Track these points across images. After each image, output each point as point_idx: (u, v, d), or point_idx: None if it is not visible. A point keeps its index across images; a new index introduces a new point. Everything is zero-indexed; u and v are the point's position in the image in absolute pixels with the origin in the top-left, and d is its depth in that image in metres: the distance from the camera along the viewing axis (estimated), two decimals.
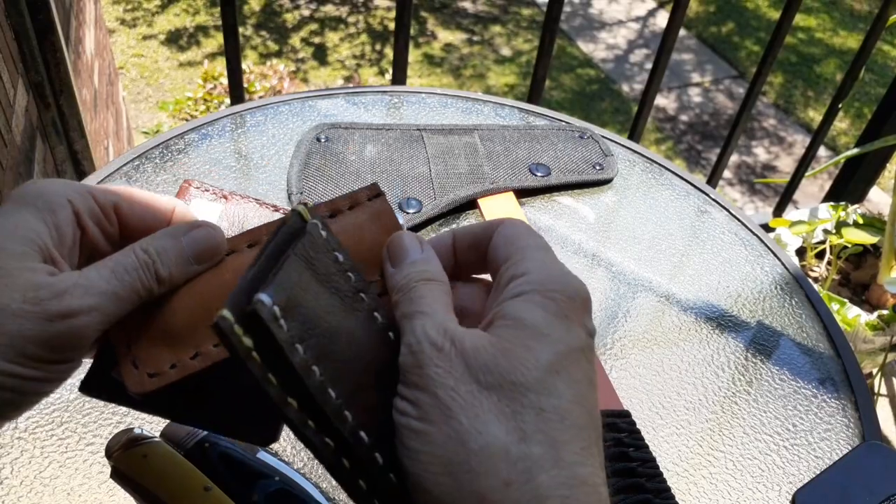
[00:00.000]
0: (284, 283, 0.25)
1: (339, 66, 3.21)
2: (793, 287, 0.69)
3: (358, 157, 0.73)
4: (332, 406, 0.26)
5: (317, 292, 0.27)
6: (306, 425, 0.25)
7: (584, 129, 0.82)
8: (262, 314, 0.24)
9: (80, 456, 0.50)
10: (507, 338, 0.27)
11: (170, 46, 3.21)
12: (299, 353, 0.25)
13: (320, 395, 0.25)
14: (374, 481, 0.27)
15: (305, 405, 0.25)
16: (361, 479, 0.27)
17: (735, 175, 2.83)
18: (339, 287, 0.28)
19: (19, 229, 0.30)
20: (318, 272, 0.28)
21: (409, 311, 0.29)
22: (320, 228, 0.29)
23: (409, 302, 0.29)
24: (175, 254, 0.32)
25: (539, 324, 0.27)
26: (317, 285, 0.27)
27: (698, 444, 0.56)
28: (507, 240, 0.31)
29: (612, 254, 0.70)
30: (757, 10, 3.77)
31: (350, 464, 0.26)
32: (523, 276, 0.29)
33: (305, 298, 0.26)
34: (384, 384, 0.27)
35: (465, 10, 3.64)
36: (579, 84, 3.20)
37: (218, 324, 0.23)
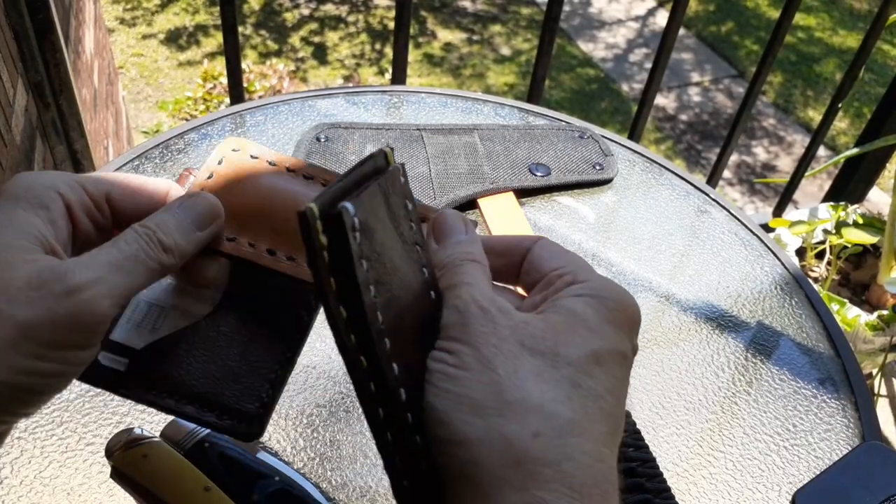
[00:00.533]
0: (365, 204, 0.26)
1: (339, 65, 3.21)
2: (793, 287, 0.69)
3: (358, 157, 0.73)
4: (377, 327, 0.26)
5: (386, 227, 0.28)
6: (349, 337, 0.26)
7: (583, 128, 0.82)
8: (344, 219, 0.24)
9: (80, 456, 0.50)
10: (558, 321, 0.28)
11: (169, 46, 3.21)
12: (363, 268, 0.25)
13: (371, 313, 0.26)
14: (392, 414, 0.27)
15: (353, 320, 0.26)
16: (381, 408, 0.27)
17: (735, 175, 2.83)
18: (403, 231, 0.29)
19: (14, 224, 0.29)
20: (391, 210, 0.28)
21: (455, 281, 0.29)
22: (401, 173, 0.30)
23: (452, 275, 0.30)
24: (174, 223, 0.32)
25: (590, 319, 0.28)
26: (388, 221, 0.28)
27: (698, 444, 0.56)
28: (553, 252, 0.32)
29: (612, 254, 0.70)
30: (756, 9, 3.77)
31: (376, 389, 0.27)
32: (583, 283, 0.30)
33: (377, 227, 0.27)
34: (420, 333, 0.28)
35: (464, 9, 3.64)
36: (579, 83, 3.20)
37: (304, 213, 0.24)
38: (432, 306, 0.29)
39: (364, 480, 0.51)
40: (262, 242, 0.35)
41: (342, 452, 0.52)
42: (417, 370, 0.27)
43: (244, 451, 0.47)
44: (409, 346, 0.27)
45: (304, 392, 0.56)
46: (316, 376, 0.57)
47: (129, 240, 0.31)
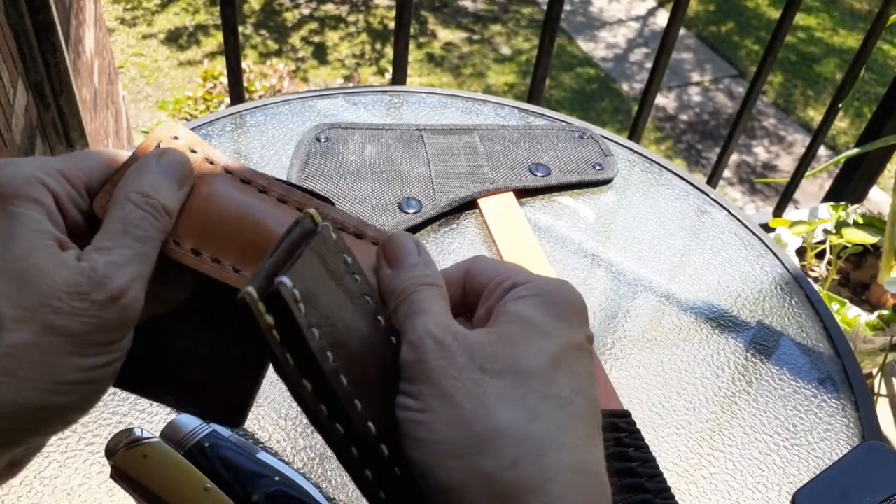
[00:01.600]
0: (301, 273, 0.26)
1: (339, 65, 3.21)
2: (793, 287, 0.69)
3: (358, 157, 0.73)
4: (344, 391, 0.26)
5: (329, 288, 0.28)
6: (319, 409, 0.26)
7: (584, 128, 0.82)
8: (283, 294, 0.24)
9: (80, 456, 0.50)
10: (510, 332, 0.28)
11: (170, 45, 3.21)
12: (315, 337, 0.25)
13: (334, 380, 0.26)
14: (380, 472, 0.27)
15: (318, 390, 0.26)
16: (368, 469, 0.27)
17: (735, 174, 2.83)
18: (348, 287, 0.29)
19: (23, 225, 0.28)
20: (329, 269, 0.28)
21: (410, 311, 0.29)
22: (331, 230, 0.29)
23: (408, 305, 0.29)
24: (164, 183, 0.31)
25: (541, 321, 0.28)
26: (329, 281, 0.28)
27: (698, 444, 0.56)
28: (487, 265, 0.32)
29: (612, 254, 0.70)
30: (757, 9, 3.77)
31: (358, 452, 0.27)
32: (524, 285, 0.30)
33: (320, 291, 0.27)
34: (387, 384, 0.28)
35: (465, 9, 3.64)
36: (579, 83, 3.20)
37: (242, 298, 0.24)
38: (394, 350, 0.29)
39: None
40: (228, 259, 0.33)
41: None
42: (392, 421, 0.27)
43: (244, 451, 0.47)
44: (380, 400, 0.27)
45: None
46: None
47: (138, 220, 0.30)
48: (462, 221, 0.71)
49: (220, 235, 0.33)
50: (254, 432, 0.53)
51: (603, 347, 0.62)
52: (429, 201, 0.70)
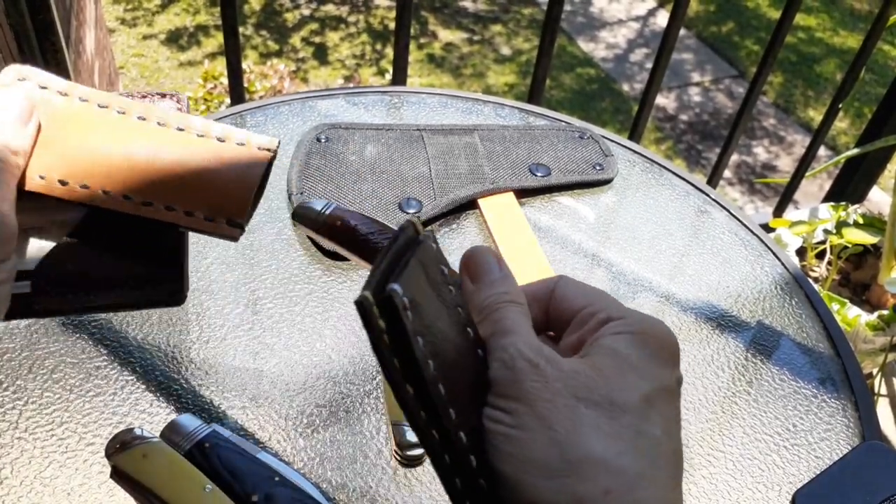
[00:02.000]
0: (408, 281, 0.27)
1: (340, 65, 3.21)
2: (793, 287, 0.69)
3: (358, 158, 0.73)
4: (441, 400, 0.27)
5: (430, 297, 0.28)
6: (419, 414, 0.27)
7: (584, 129, 0.82)
8: (395, 301, 0.25)
9: (80, 456, 0.50)
10: (605, 365, 0.28)
11: (170, 46, 3.21)
12: (420, 344, 0.26)
13: (433, 388, 0.26)
14: (467, 483, 0.28)
15: (418, 396, 0.27)
16: (458, 478, 0.28)
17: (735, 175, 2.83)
18: (444, 297, 0.30)
19: None
20: (430, 279, 0.29)
21: (497, 329, 0.29)
22: (432, 241, 0.31)
23: (494, 322, 0.30)
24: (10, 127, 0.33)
25: (636, 359, 0.28)
26: (430, 290, 0.29)
27: (698, 444, 0.56)
28: (577, 290, 0.32)
29: (612, 254, 0.70)
30: (757, 9, 3.77)
31: (450, 460, 0.27)
32: (620, 320, 0.30)
33: (423, 299, 0.28)
34: (475, 396, 0.29)
35: (465, 9, 3.64)
36: (579, 83, 3.20)
37: (361, 302, 0.25)
38: (481, 364, 0.30)
39: (364, 480, 0.51)
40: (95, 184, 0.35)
41: (342, 452, 0.52)
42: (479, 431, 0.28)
43: (244, 451, 0.47)
44: (469, 411, 0.28)
45: (304, 392, 0.56)
46: (316, 376, 0.57)
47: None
48: (462, 221, 0.71)
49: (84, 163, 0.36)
50: (254, 432, 0.53)
51: None
52: (429, 201, 0.70)
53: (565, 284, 0.32)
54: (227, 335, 0.59)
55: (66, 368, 0.55)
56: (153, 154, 0.36)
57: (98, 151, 0.36)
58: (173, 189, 0.36)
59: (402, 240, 0.29)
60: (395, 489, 0.51)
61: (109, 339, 0.57)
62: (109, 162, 0.36)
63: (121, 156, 0.36)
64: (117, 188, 0.35)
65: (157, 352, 0.57)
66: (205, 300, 0.60)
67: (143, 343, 0.57)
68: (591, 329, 0.30)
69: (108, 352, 0.56)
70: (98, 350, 0.56)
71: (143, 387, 0.54)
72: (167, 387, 0.55)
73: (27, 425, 0.51)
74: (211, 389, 0.55)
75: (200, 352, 0.57)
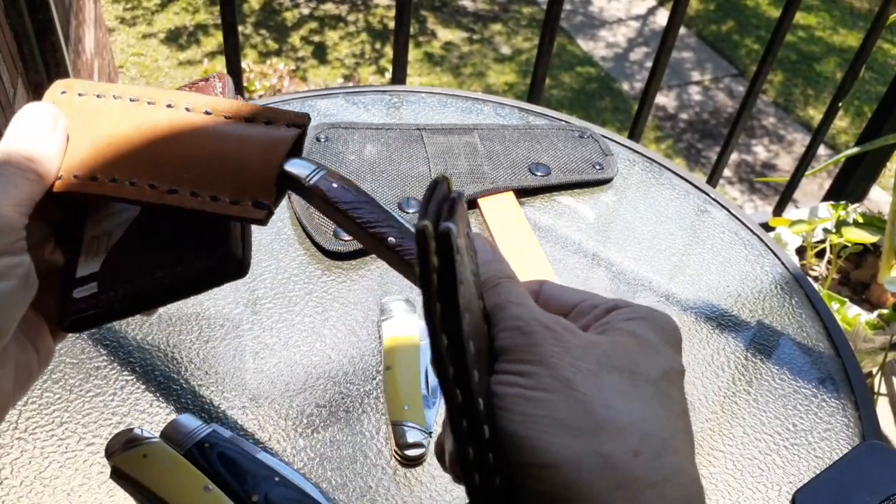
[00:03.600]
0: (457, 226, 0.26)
1: (339, 64, 3.21)
2: (793, 286, 0.69)
3: (358, 157, 0.73)
4: (470, 358, 0.25)
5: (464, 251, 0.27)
6: (449, 368, 0.25)
7: (583, 128, 0.82)
8: (451, 240, 0.24)
9: (80, 456, 0.50)
10: (625, 341, 0.28)
11: (169, 45, 3.21)
12: (461, 294, 0.25)
13: (466, 344, 0.25)
14: (478, 454, 0.26)
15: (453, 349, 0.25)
16: (471, 447, 0.26)
17: (735, 174, 2.83)
18: (471, 258, 0.29)
19: None
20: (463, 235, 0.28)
21: (503, 300, 0.29)
22: (463, 199, 0.30)
23: (498, 294, 0.29)
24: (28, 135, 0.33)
25: (653, 340, 0.28)
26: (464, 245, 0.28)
27: (698, 444, 0.56)
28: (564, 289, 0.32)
29: (612, 253, 0.70)
30: (757, 8, 3.76)
31: (467, 427, 0.26)
32: (629, 308, 0.30)
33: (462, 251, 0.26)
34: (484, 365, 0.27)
35: (465, 8, 3.64)
36: (579, 82, 3.20)
37: (422, 231, 0.24)
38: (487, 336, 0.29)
39: (364, 480, 0.51)
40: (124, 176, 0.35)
41: (342, 452, 0.52)
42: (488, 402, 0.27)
43: (244, 451, 0.47)
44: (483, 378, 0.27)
45: (304, 392, 0.56)
46: (316, 376, 0.57)
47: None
48: None
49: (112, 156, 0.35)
50: (254, 432, 0.53)
51: None
52: None
53: (551, 286, 0.32)
54: (227, 335, 0.59)
55: (65, 368, 0.55)
56: (176, 140, 0.36)
57: (123, 144, 0.36)
58: (196, 174, 0.35)
59: (440, 190, 0.28)
60: (395, 489, 0.51)
61: (109, 339, 0.57)
62: (134, 153, 0.35)
63: (145, 145, 0.36)
64: (143, 178, 0.35)
65: (157, 352, 0.57)
66: (205, 300, 0.60)
67: (143, 343, 0.57)
68: (598, 316, 0.30)
69: (107, 352, 0.56)
70: (98, 350, 0.56)
71: (143, 387, 0.54)
72: (167, 387, 0.55)
73: (27, 425, 0.51)
74: (211, 389, 0.55)
75: (200, 352, 0.57)
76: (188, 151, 0.36)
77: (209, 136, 0.36)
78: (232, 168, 0.35)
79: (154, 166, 0.35)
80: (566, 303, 0.31)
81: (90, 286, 0.35)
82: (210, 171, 0.35)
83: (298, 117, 0.37)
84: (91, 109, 0.37)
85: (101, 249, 0.36)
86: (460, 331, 0.25)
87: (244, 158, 0.35)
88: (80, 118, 0.36)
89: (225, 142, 0.36)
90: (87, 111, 0.37)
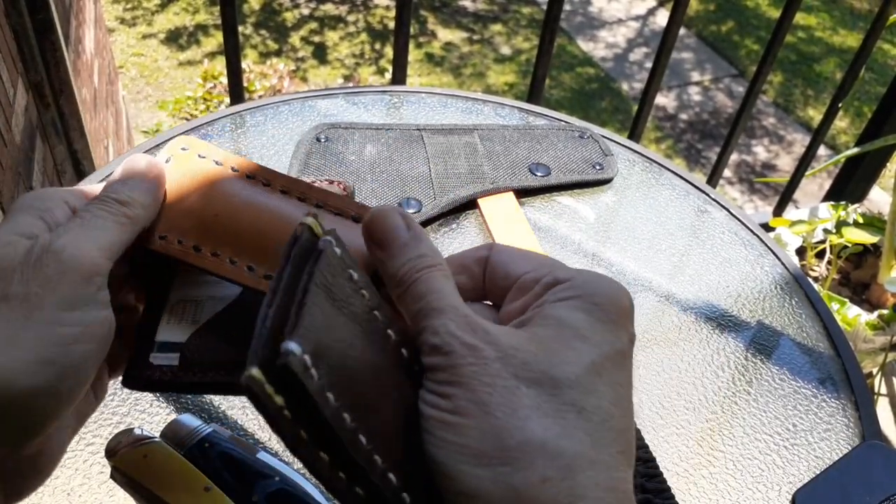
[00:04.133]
0: (310, 325, 0.24)
1: (339, 65, 3.21)
2: (793, 287, 0.69)
3: (358, 158, 0.73)
4: (363, 452, 0.24)
5: (339, 325, 0.25)
6: (338, 477, 0.24)
7: (583, 128, 0.82)
8: (293, 368, 0.22)
9: (80, 456, 0.50)
10: (548, 337, 0.27)
11: (169, 45, 3.21)
12: (331, 402, 0.23)
13: (353, 445, 0.24)
14: None
15: (335, 454, 0.24)
16: None
17: (735, 174, 2.83)
18: (355, 311, 0.27)
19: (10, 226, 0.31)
20: (336, 299, 0.26)
21: (422, 308, 0.27)
22: (334, 245, 0.28)
23: (416, 298, 0.28)
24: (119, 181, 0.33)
25: (583, 326, 0.27)
26: (338, 316, 0.26)
27: (698, 444, 0.56)
28: (514, 255, 0.30)
29: (612, 254, 0.70)
30: (757, 8, 3.77)
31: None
32: (566, 283, 0.28)
33: (331, 337, 0.25)
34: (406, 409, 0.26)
35: (465, 8, 3.64)
36: (579, 83, 3.20)
37: (247, 385, 0.22)
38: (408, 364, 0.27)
39: None
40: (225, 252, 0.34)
41: None
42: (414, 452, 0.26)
43: (244, 451, 0.47)
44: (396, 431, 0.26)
45: None
46: None
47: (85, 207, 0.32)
48: (462, 221, 0.71)
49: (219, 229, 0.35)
50: (254, 432, 0.53)
51: None
52: (429, 201, 0.70)
53: (501, 250, 0.30)
54: None
55: None
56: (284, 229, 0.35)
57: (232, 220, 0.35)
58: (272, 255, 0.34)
59: (295, 258, 0.26)
60: None
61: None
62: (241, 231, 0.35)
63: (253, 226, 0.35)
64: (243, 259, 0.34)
65: None
66: None
67: None
68: (536, 294, 0.28)
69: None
70: None
71: None
72: None
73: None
74: None
75: None
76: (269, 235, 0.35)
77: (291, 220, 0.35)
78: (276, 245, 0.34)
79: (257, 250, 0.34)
80: (511, 273, 0.30)
81: (171, 356, 0.34)
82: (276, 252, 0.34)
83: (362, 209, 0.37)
84: (206, 175, 0.36)
85: (187, 318, 0.36)
86: (340, 442, 0.23)
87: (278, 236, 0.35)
88: (192, 180, 0.36)
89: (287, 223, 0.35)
90: (202, 175, 0.36)
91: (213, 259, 0.34)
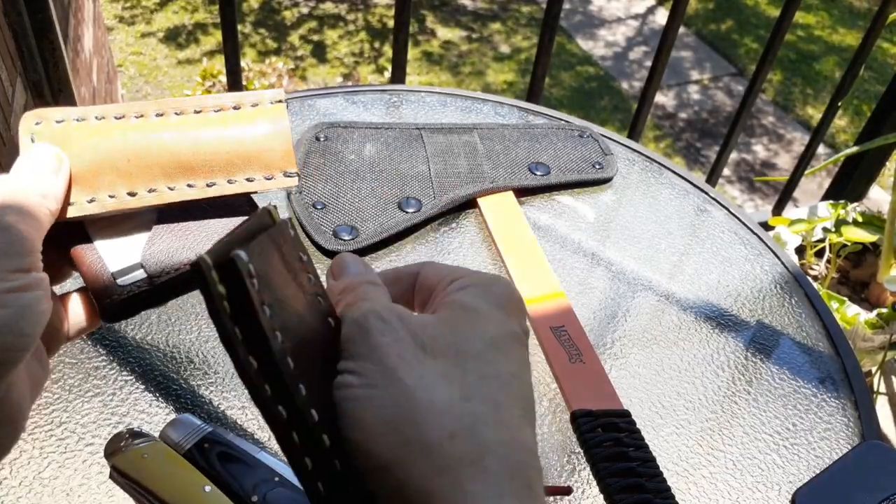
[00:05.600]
0: (257, 253, 0.26)
1: (338, 63, 3.21)
2: (792, 286, 0.69)
3: (357, 157, 0.73)
4: (290, 374, 0.26)
5: (283, 276, 0.28)
6: (263, 388, 0.26)
7: (583, 127, 0.82)
8: (238, 265, 0.25)
9: (79, 456, 0.50)
10: (454, 317, 0.30)
11: (168, 44, 3.21)
12: (266, 314, 0.25)
13: (281, 361, 0.26)
14: (320, 462, 0.27)
15: (263, 370, 0.26)
16: (308, 458, 0.27)
17: (734, 173, 2.83)
18: (301, 281, 0.29)
19: None
20: (285, 260, 0.29)
21: (352, 300, 0.30)
22: (289, 227, 0.30)
23: (353, 296, 0.31)
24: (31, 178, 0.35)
25: (483, 309, 0.30)
26: (284, 271, 0.28)
27: (698, 444, 0.56)
28: (438, 269, 0.34)
29: (612, 253, 0.70)
30: (756, 7, 3.76)
31: (299, 439, 0.27)
32: (466, 278, 0.32)
33: (274, 276, 0.27)
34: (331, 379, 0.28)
35: (464, 7, 3.64)
36: (578, 81, 3.20)
37: (198, 263, 0.24)
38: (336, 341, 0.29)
39: None
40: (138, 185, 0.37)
41: None
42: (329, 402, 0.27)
43: (244, 451, 0.47)
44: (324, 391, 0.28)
45: None
46: None
47: None
48: (462, 221, 0.71)
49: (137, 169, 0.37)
50: (253, 432, 0.53)
51: (603, 347, 0.62)
52: (428, 200, 0.70)
53: (429, 266, 0.34)
54: None
55: (64, 368, 0.55)
56: (191, 140, 0.38)
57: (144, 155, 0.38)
58: (224, 164, 0.38)
59: (254, 223, 0.28)
60: None
61: (108, 338, 0.57)
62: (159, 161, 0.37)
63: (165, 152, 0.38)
64: (178, 181, 0.37)
65: (157, 352, 0.57)
66: None
67: (142, 343, 0.57)
68: (442, 287, 0.32)
69: (106, 352, 0.56)
70: (97, 350, 0.56)
71: (143, 387, 0.54)
72: (166, 387, 0.54)
73: (26, 425, 0.51)
74: (211, 389, 0.55)
75: (200, 352, 0.57)
76: (207, 147, 0.38)
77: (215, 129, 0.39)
78: (251, 150, 0.38)
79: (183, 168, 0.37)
80: (433, 284, 0.33)
81: (135, 275, 0.37)
82: (234, 158, 0.38)
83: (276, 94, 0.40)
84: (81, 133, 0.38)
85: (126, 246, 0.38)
86: (270, 352, 0.25)
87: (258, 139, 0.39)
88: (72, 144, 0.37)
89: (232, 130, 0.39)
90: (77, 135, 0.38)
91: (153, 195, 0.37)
